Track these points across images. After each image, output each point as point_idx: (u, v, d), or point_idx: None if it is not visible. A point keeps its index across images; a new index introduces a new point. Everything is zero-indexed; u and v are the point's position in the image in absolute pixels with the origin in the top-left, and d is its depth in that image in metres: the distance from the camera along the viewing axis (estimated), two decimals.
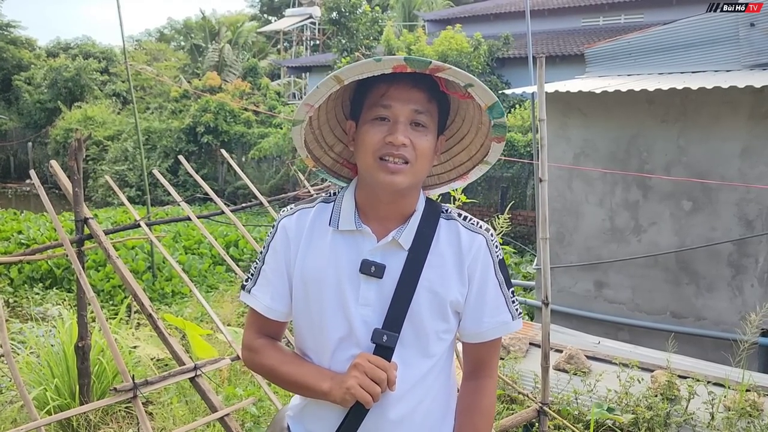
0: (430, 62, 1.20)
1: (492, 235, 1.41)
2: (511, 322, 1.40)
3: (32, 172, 3.38)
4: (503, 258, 1.43)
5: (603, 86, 5.57)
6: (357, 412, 1.31)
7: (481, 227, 1.40)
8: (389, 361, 1.30)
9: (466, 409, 1.43)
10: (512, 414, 3.42)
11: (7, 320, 6.19)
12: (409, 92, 1.28)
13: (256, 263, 1.43)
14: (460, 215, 1.41)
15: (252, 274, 1.43)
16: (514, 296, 1.42)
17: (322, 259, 1.34)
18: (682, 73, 6.07)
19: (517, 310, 1.42)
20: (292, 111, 18.46)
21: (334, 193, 1.43)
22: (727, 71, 5.80)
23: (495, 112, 1.31)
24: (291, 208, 1.42)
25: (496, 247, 1.40)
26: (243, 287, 1.45)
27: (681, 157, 5.59)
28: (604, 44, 6.73)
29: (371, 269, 1.31)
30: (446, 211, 1.41)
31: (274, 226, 1.42)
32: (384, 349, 1.30)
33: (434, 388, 1.39)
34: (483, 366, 1.45)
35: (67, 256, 3.08)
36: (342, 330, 1.33)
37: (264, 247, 1.43)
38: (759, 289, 5.30)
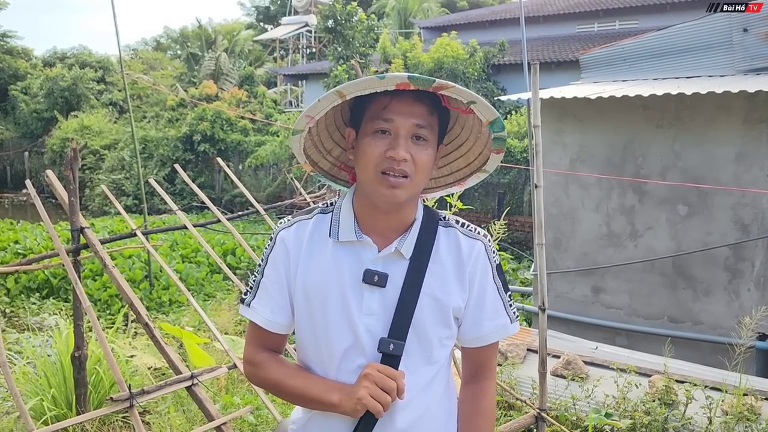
0: (434, 81, 1.20)
1: (490, 240, 1.43)
2: (509, 325, 1.43)
3: (28, 182, 3.38)
4: (500, 263, 1.45)
5: (598, 92, 5.60)
6: (367, 423, 1.31)
7: (479, 233, 1.41)
8: (396, 370, 1.30)
9: (469, 412, 1.45)
10: (510, 420, 3.42)
11: (3, 330, 6.19)
12: (411, 106, 1.28)
13: (255, 276, 1.42)
14: (458, 222, 1.42)
15: (251, 287, 1.42)
16: (511, 300, 1.45)
17: (324, 271, 1.34)
18: (676, 78, 6.09)
19: (514, 313, 1.44)
20: (288, 119, 18.49)
21: (332, 203, 1.43)
22: (721, 76, 5.83)
23: (496, 127, 1.32)
24: (288, 220, 1.42)
25: (494, 252, 1.42)
26: (242, 300, 1.44)
27: (676, 162, 5.61)
28: (598, 50, 6.76)
29: (374, 278, 1.32)
30: (444, 218, 1.42)
31: (272, 238, 1.41)
32: (391, 357, 1.31)
33: (437, 394, 1.40)
34: (482, 369, 1.46)
35: (63, 265, 3.08)
36: (347, 340, 1.33)
37: (262, 260, 1.42)
38: (755, 292, 5.31)
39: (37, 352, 4.62)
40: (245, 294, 1.43)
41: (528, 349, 4.77)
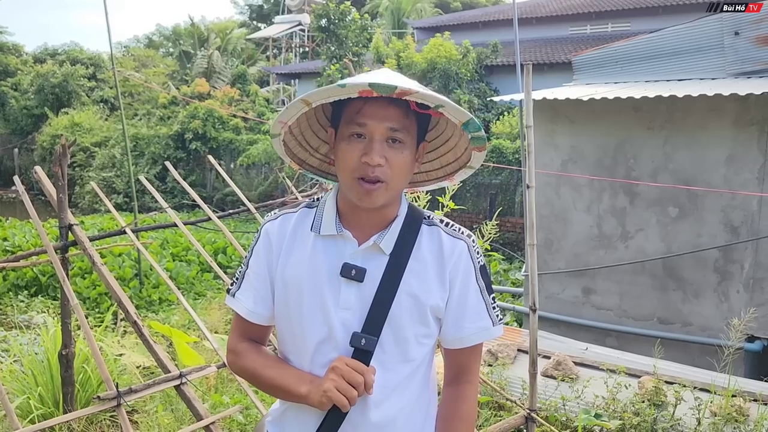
0: (396, 87, 1.18)
1: (474, 241, 1.41)
2: (491, 327, 1.41)
3: (16, 179, 3.35)
4: (485, 264, 1.43)
5: (590, 94, 5.61)
6: (334, 416, 1.31)
7: (462, 233, 1.40)
8: (368, 365, 1.30)
9: (447, 416, 1.44)
10: (500, 420, 3.43)
11: None
12: (385, 109, 1.27)
13: (241, 268, 1.45)
14: (442, 221, 1.42)
15: (237, 279, 1.45)
16: (495, 302, 1.43)
17: (303, 263, 1.35)
18: (668, 80, 6.12)
19: (497, 316, 1.42)
20: None
21: (319, 199, 1.44)
22: (713, 79, 5.86)
23: (471, 128, 1.31)
24: (275, 213, 1.44)
25: (478, 253, 1.41)
26: (228, 291, 1.46)
27: (667, 164, 5.63)
28: (591, 52, 6.78)
29: (351, 272, 1.32)
30: (428, 217, 1.42)
31: (258, 231, 1.44)
32: (362, 352, 1.31)
33: (415, 394, 1.39)
34: (464, 372, 1.45)
35: (51, 263, 3.05)
36: (321, 333, 1.33)
37: (248, 252, 1.44)
38: (744, 294, 5.34)
39: (24, 350, 4.58)
40: (231, 285, 1.46)
41: (518, 350, 4.78)
